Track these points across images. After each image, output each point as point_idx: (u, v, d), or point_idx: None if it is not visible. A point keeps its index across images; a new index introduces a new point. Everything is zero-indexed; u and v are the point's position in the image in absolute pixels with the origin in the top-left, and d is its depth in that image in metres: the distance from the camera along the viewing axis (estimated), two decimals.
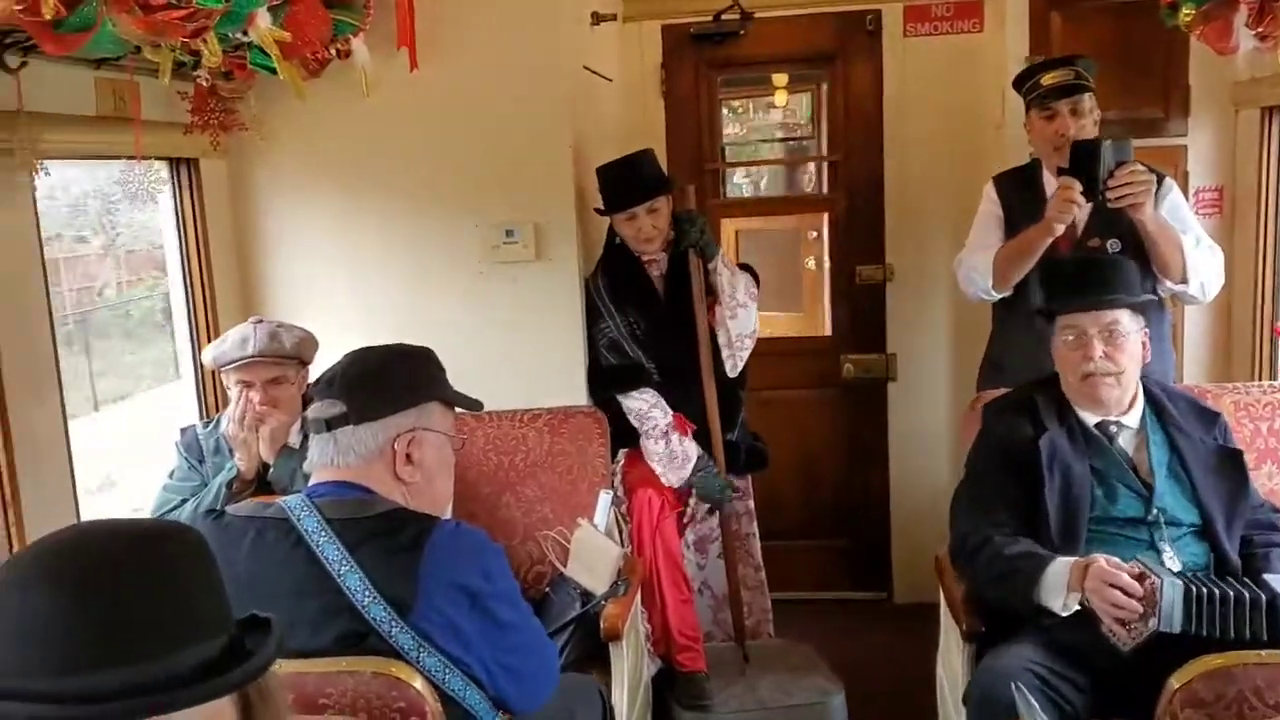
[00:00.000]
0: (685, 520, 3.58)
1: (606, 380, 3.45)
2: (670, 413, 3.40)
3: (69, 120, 2.64)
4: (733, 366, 3.48)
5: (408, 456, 1.99)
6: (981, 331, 3.59)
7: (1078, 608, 2.32)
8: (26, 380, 2.55)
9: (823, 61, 4.47)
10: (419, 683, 1.64)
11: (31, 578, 1.04)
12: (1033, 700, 1.97)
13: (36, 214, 2.62)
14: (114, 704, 1.00)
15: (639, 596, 3.14)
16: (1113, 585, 2.24)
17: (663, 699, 3.35)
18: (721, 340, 3.43)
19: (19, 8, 1.73)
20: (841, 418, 4.54)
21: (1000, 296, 3.32)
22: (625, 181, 3.37)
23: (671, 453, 3.37)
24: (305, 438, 2.90)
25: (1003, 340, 3.44)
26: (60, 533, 1.09)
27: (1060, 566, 2.34)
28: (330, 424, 1.99)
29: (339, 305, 3.50)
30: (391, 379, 2.03)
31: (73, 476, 2.78)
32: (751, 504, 3.74)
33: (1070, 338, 2.60)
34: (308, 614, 1.82)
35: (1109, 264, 2.75)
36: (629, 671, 2.86)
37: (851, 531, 4.60)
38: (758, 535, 3.76)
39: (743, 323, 3.43)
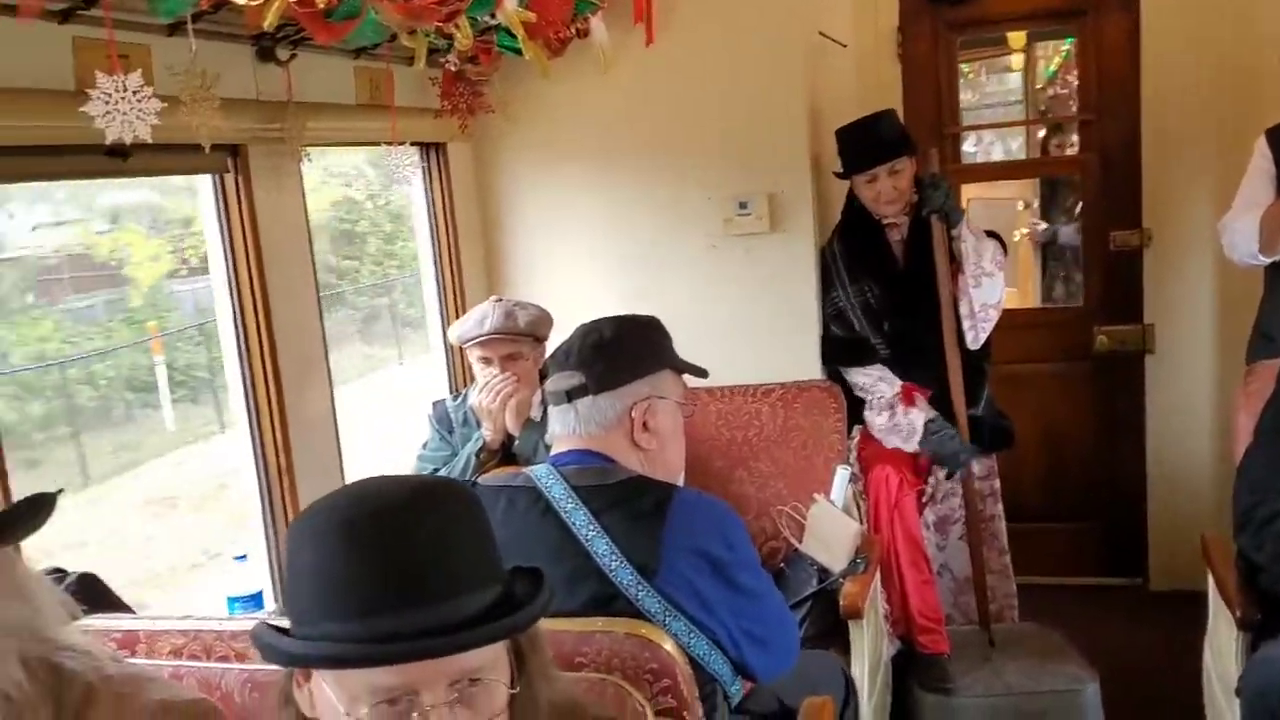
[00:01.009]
0: (925, 499, 3.47)
1: (833, 352, 3.39)
2: (898, 384, 3.31)
3: (331, 109, 2.80)
4: (974, 338, 3.34)
5: (644, 424, 2.02)
6: (1250, 299, 3.33)
7: None
8: (299, 359, 2.74)
9: (1072, 17, 4.21)
10: (669, 645, 1.66)
11: (328, 529, 1.11)
12: None
13: (304, 199, 2.80)
14: (409, 644, 1.06)
15: (878, 577, 3.08)
16: None
17: (902, 681, 3.27)
18: (963, 310, 3.30)
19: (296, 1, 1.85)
20: (1092, 393, 4.29)
21: (1271, 261, 3.05)
22: (865, 142, 3.29)
23: (895, 425, 3.29)
24: (546, 410, 3.01)
25: (1274, 307, 3.17)
26: (348, 488, 1.16)
27: None
28: (570, 395, 2.04)
29: (576, 280, 3.58)
30: (625, 349, 2.06)
31: (339, 444, 2.98)
32: (997, 484, 3.60)
33: None
34: (558, 577, 1.86)
35: None
36: (869, 650, 2.80)
37: (1103, 513, 4.34)
38: (1003, 516, 3.61)
39: (988, 292, 3.29)
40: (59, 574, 2.10)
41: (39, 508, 1.39)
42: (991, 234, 3.37)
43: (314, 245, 2.86)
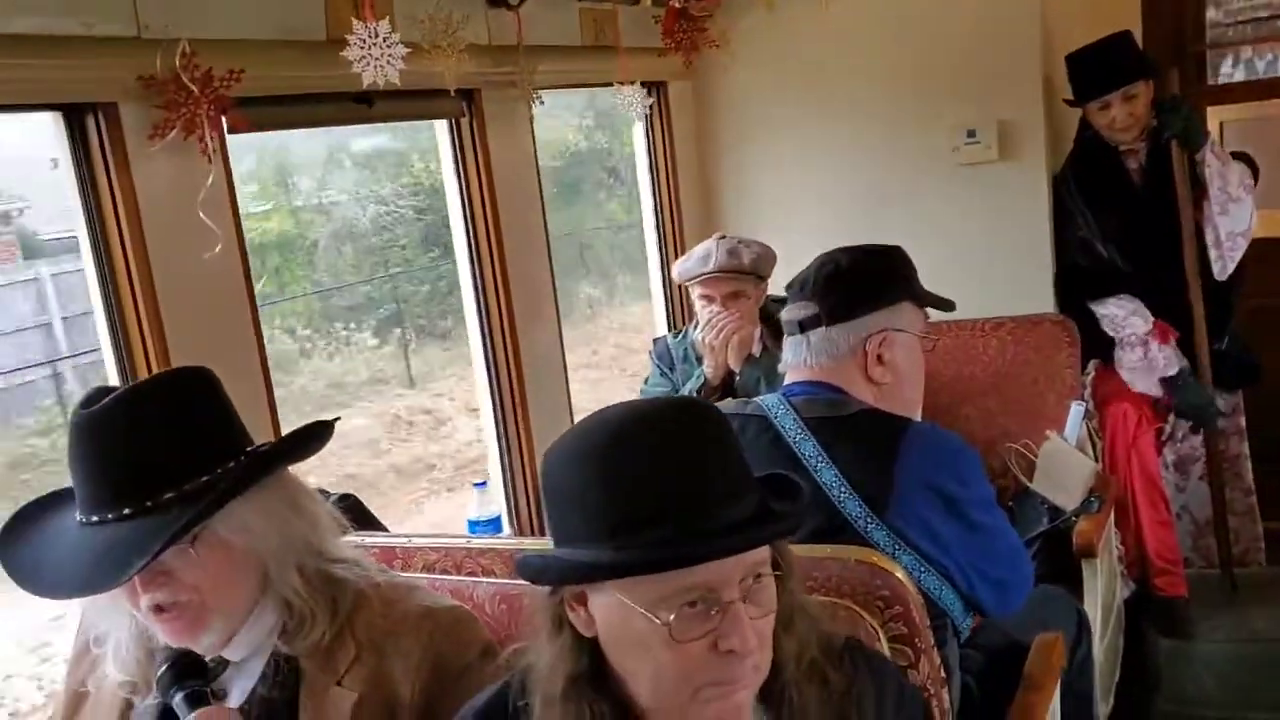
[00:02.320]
0: (1164, 438, 3.31)
1: (1079, 285, 3.26)
2: (1151, 319, 3.15)
3: (559, 51, 2.87)
4: (1221, 269, 3.15)
5: (879, 358, 2.00)
6: None
7: None
8: (530, 296, 2.86)
9: None
10: (900, 573, 1.66)
11: (610, 444, 1.17)
12: None
13: (534, 142, 2.90)
14: (724, 540, 1.12)
15: (1112, 517, 2.97)
16: None
17: (1137, 625, 3.15)
18: (1209, 239, 3.12)
19: None
20: None
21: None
22: (1099, 67, 3.13)
23: (1151, 362, 3.13)
24: (765, 348, 3.03)
25: None
26: (605, 412, 1.22)
27: None
28: (803, 325, 2.03)
29: (799, 216, 3.56)
30: (862, 279, 2.03)
31: (566, 380, 3.10)
32: (1242, 421, 3.42)
33: None
34: None
35: None
36: (1101, 591, 2.72)
37: None
38: (1248, 456, 3.43)
39: (1235, 219, 3.10)
40: (322, 494, 2.29)
41: (318, 432, 1.53)
42: (1240, 155, 3.15)
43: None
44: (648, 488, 1.13)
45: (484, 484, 2.81)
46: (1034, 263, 3.32)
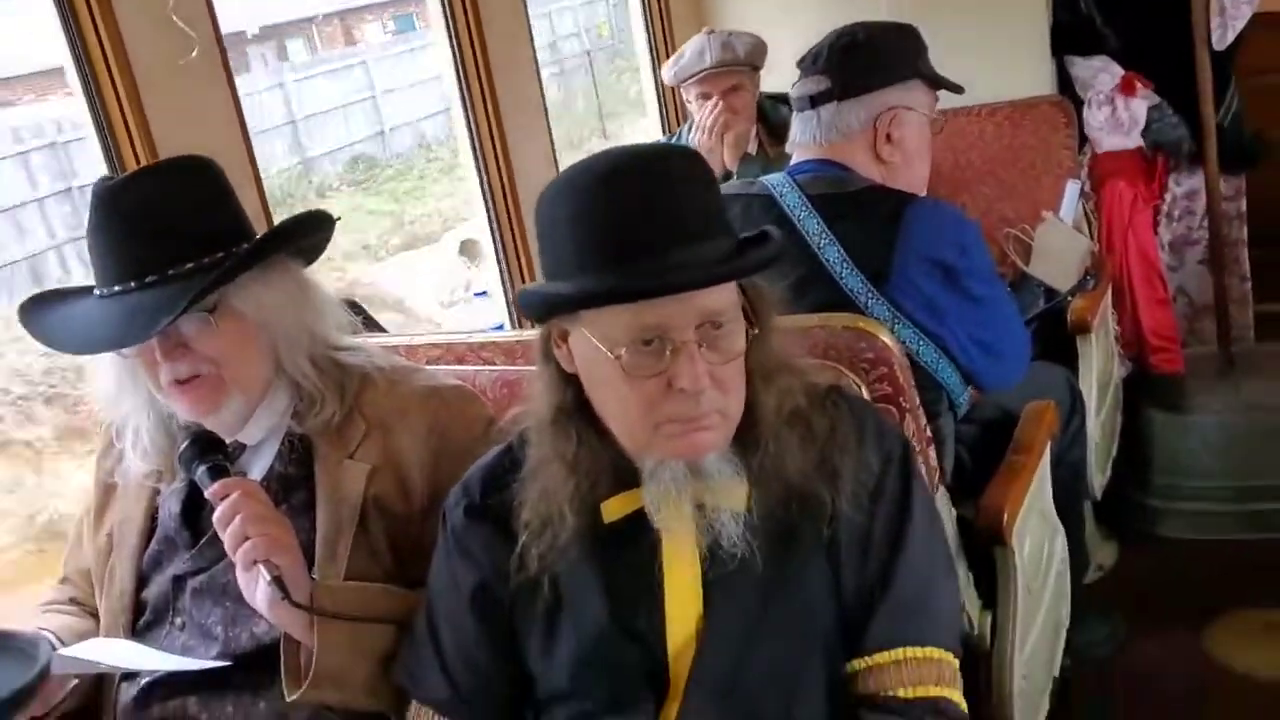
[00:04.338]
0: (1159, 216, 3.29)
1: (1059, 42, 3.19)
2: (1120, 74, 3.09)
3: None
4: (1221, 36, 3.07)
5: (888, 136, 1.99)
6: None
7: None
8: (519, 107, 2.81)
9: None
10: (886, 336, 1.68)
11: (587, 181, 1.20)
12: None
13: None
14: (671, 276, 1.16)
15: (1109, 295, 2.99)
16: None
17: (1134, 402, 3.20)
18: (1214, 6, 3.01)
19: None
20: None
21: None
22: None
23: (1117, 120, 3.09)
24: (760, 146, 3.00)
25: None
26: (593, 155, 1.25)
27: None
28: (814, 100, 2.01)
29: (786, 9, 3.45)
30: (877, 54, 2.00)
31: None
32: (1243, 206, 3.37)
33: None
34: (788, 282, 1.92)
35: None
36: (1098, 368, 2.76)
37: None
38: (1246, 242, 3.40)
39: None
40: None
41: (320, 219, 1.55)
42: None
43: None
44: (609, 226, 1.17)
45: (484, 293, 2.84)
46: (1030, 41, 3.22)
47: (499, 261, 2.98)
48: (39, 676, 1.39)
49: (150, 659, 1.50)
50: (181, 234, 1.44)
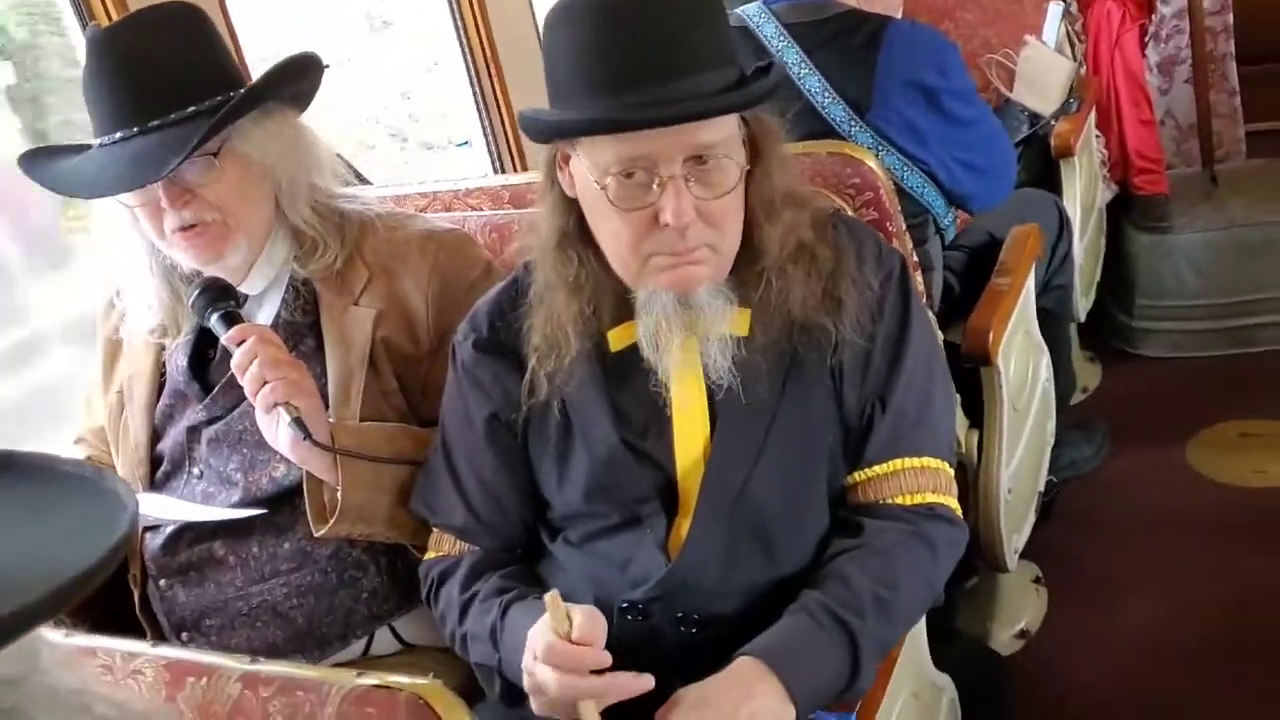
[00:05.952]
0: (1148, 36, 3.25)
1: None
2: None
3: None
4: None
5: None
6: None
7: None
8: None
9: None
10: (871, 161, 1.69)
11: (586, 9, 1.18)
12: None
13: None
14: (655, 110, 1.15)
15: (1093, 118, 2.97)
16: None
17: (1117, 224, 3.22)
18: None
19: None
20: None
21: None
22: None
23: None
24: None
25: None
26: None
27: None
28: None
29: None
30: None
31: (538, 32, 3.01)
32: (1229, 19, 3.30)
33: None
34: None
35: None
36: (1081, 191, 2.77)
37: None
38: (1234, 55, 3.35)
39: None
40: None
41: (309, 61, 1.53)
42: None
43: None
44: (602, 54, 1.17)
45: (466, 143, 2.81)
46: None
47: (478, 108, 2.93)
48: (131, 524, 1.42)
49: (179, 510, 1.54)
50: (180, 78, 1.44)
